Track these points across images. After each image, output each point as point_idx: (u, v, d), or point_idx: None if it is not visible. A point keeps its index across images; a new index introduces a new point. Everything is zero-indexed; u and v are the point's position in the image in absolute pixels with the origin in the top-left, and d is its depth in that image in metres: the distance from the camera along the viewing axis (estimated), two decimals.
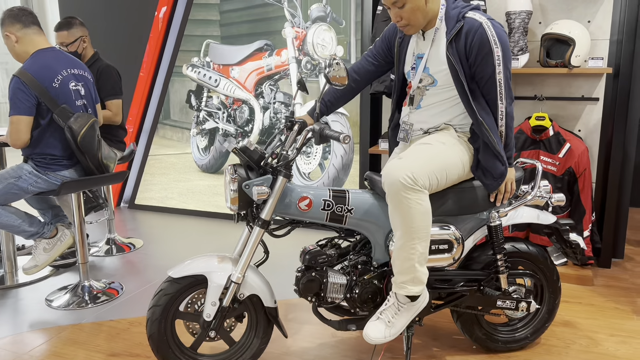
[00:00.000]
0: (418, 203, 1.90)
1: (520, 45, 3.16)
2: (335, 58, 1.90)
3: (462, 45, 1.96)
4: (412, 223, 1.91)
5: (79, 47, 3.41)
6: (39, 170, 2.75)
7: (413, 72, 2.13)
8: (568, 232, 2.28)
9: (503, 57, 1.94)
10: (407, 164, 1.91)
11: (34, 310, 2.88)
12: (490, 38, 1.93)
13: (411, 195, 1.89)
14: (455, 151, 2.03)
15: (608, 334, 2.54)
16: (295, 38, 4.03)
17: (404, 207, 1.90)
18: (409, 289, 1.98)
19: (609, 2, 3.16)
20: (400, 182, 1.88)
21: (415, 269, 1.96)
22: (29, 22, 2.74)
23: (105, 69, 3.42)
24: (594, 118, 3.30)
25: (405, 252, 1.94)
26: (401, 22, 2.00)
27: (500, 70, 1.95)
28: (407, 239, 1.93)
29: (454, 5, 2.03)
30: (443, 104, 2.10)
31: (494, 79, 1.96)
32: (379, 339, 2.01)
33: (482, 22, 1.94)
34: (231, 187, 1.97)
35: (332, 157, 4.02)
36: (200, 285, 2.08)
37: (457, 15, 1.99)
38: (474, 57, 1.96)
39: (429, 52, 2.06)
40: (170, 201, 4.75)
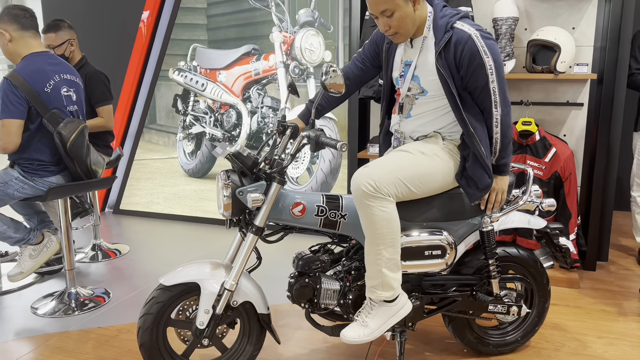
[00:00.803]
0: (381, 210, 1.91)
1: (507, 51, 3.20)
2: (332, 66, 1.90)
3: (451, 56, 1.95)
4: (375, 229, 1.92)
5: (66, 50, 3.37)
6: (25, 176, 2.71)
7: (402, 80, 2.13)
8: (558, 237, 2.31)
9: (495, 67, 1.93)
10: (372, 171, 1.93)
11: (19, 318, 2.83)
12: (480, 49, 1.91)
13: (373, 202, 1.90)
14: (434, 161, 2.03)
15: (596, 336, 2.58)
16: (283, 43, 4.03)
17: (367, 214, 1.92)
18: (379, 294, 1.99)
19: (592, 10, 3.21)
20: (362, 189, 1.90)
21: (382, 274, 1.96)
22: (28, 25, 2.70)
23: (94, 75, 3.39)
24: (578, 123, 3.36)
25: (372, 257, 1.96)
26: (390, 31, 1.99)
27: (494, 79, 1.94)
28: (372, 244, 1.95)
29: (441, 14, 2.01)
30: (433, 113, 2.10)
31: (488, 88, 1.95)
32: (353, 338, 2.00)
33: (470, 34, 1.92)
34: (224, 194, 1.96)
35: (320, 161, 4.02)
36: (192, 293, 2.06)
37: (445, 25, 1.97)
38: (465, 70, 1.95)
39: (417, 60, 2.06)
40: (155, 206, 4.71)
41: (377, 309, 2.02)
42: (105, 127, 3.39)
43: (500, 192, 2.10)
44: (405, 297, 2.06)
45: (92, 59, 3.57)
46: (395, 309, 2.02)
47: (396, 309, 2.02)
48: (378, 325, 2.02)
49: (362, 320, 2.03)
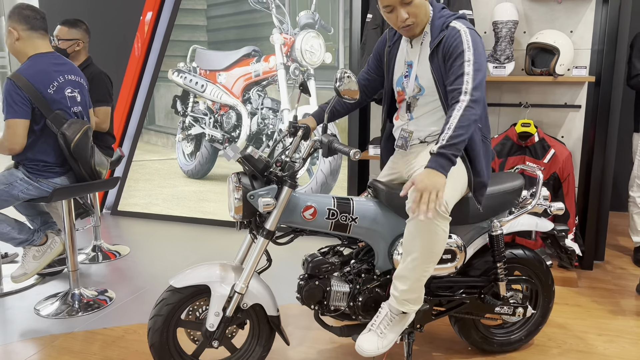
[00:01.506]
0: (444, 230, 1.92)
1: (507, 54, 3.24)
2: (346, 72, 1.92)
3: (441, 52, 1.99)
4: (433, 248, 1.93)
5: (70, 47, 3.39)
6: (30, 177, 2.71)
7: (405, 80, 2.15)
8: (564, 238, 2.35)
9: (474, 60, 1.91)
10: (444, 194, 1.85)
11: (22, 320, 2.83)
12: (464, 42, 1.93)
13: (441, 223, 1.90)
14: (459, 169, 2.02)
15: (596, 333, 2.63)
16: (284, 44, 4.05)
17: (431, 233, 1.90)
18: (410, 307, 2.01)
19: (590, 13, 3.27)
20: (437, 212, 1.86)
21: (421, 289, 2.00)
22: (38, 26, 2.70)
23: (97, 75, 3.40)
24: (576, 125, 3.41)
25: (418, 273, 1.96)
26: (408, 20, 1.98)
27: (470, 70, 1.90)
28: (423, 261, 1.94)
29: (439, 15, 2.05)
30: (434, 114, 2.12)
31: (462, 77, 1.90)
32: (372, 351, 2.01)
33: (460, 30, 1.96)
34: (235, 196, 1.97)
35: (320, 162, 4.05)
36: (202, 294, 2.08)
37: (441, 25, 2.02)
38: (447, 58, 1.97)
39: (418, 60, 2.09)
40: (154, 207, 4.70)
41: (397, 320, 2.04)
42: (99, 126, 3.38)
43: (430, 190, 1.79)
44: None
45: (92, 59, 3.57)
46: (408, 318, 2.06)
47: (409, 317, 2.06)
48: (394, 336, 2.05)
49: (380, 331, 2.04)
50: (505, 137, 3.34)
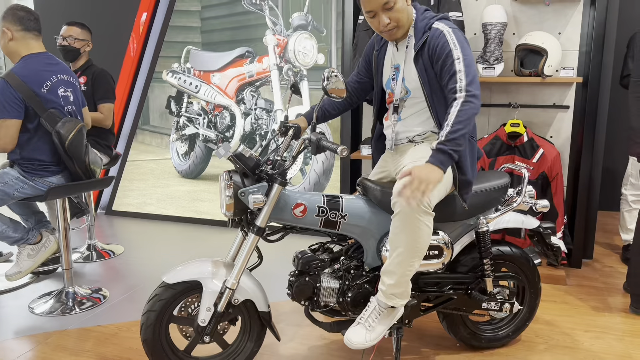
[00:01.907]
0: (427, 225, 1.97)
1: (496, 55, 3.29)
2: (334, 71, 1.96)
3: (426, 54, 2.03)
4: (417, 243, 1.97)
5: (82, 47, 3.53)
6: (25, 176, 2.74)
7: (394, 83, 2.20)
8: (550, 236, 2.40)
9: (463, 58, 1.95)
10: None
11: (17, 318, 2.85)
12: (450, 42, 1.97)
13: (423, 218, 1.95)
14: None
15: (583, 330, 2.67)
16: (277, 45, 4.09)
17: (414, 228, 1.95)
18: (397, 301, 2.05)
19: (577, 16, 3.32)
20: (419, 206, 1.91)
21: (408, 284, 2.05)
22: (31, 27, 2.74)
23: (100, 73, 3.52)
24: (565, 125, 3.46)
25: (404, 268, 2.00)
26: (390, 25, 2.03)
27: (461, 68, 1.94)
28: (408, 256, 1.99)
29: (422, 17, 2.10)
30: (421, 115, 2.16)
31: (454, 70, 1.95)
32: (360, 344, 2.06)
33: (443, 30, 2.00)
34: (227, 194, 2.01)
35: (313, 162, 4.09)
36: (194, 290, 2.11)
37: (424, 27, 2.06)
38: (435, 61, 2.01)
39: (404, 62, 2.13)
40: (148, 207, 4.73)
41: (384, 314, 2.08)
42: (102, 123, 3.48)
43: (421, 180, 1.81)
44: None
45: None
46: (397, 312, 2.10)
47: (397, 312, 2.10)
48: (382, 329, 2.09)
49: (368, 324, 2.08)
50: (495, 137, 3.39)
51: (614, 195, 4.87)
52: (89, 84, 3.51)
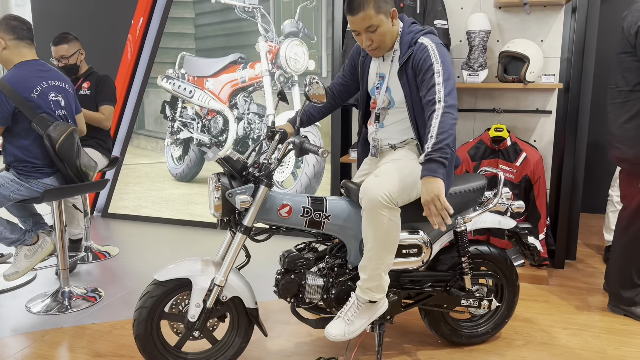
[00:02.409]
0: (391, 220, 2.06)
1: (480, 62, 3.39)
2: (314, 78, 2.07)
3: (410, 67, 2.12)
4: (384, 237, 2.07)
5: (77, 59, 3.63)
6: (21, 178, 2.82)
7: (378, 91, 2.29)
8: (526, 236, 2.50)
9: (442, 71, 2.03)
10: (385, 184, 2.04)
11: (14, 316, 2.94)
12: (432, 56, 2.05)
13: (386, 213, 2.05)
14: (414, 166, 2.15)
15: (561, 327, 2.77)
16: (269, 52, 4.20)
17: (378, 223, 2.05)
18: (373, 295, 2.14)
19: (559, 23, 3.43)
20: (379, 200, 2.02)
21: (381, 278, 2.13)
22: (24, 36, 2.84)
23: (104, 77, 3.66)
24: (547, 129, 3.56)
25: (374, 262, 2.10)
26: (372, 46, 2.13)
27: (440, 81, 2.02)
28: (377, 251, 2.09)
29: (409, 30, 2.18)
30: (403, 123, 2.26)
31: (433, 82, 2.03)
32: (339, 336, 2.16)
33: (427, 45, 2.09)
34: (215, 195, 2.11)
35: (304, 166, 4.18)
36: (184, 288, 2.20)
37: (410, 41, 2.14)
38: (417, 74, 2.10)
39: (389, 73, 2.23)
40: (144, 210, 4.82)
41: (363, 308, 2.17)
42: (102, 123, 3.60)
43: (433, 200, 1.93)
44: (385, 299, 2.23)
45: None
46: (377, 307, 2.19)
47: (378, 306, 2.19)
48: (362, 323, 2.18)
49: (347, 318, 2.17)
50: (480, 141, 3.49)
51: (598, 197, 4.99)
52: (92, 88, 3.63)
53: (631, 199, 2.74)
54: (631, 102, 2.63)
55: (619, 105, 2.70)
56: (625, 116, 2.66)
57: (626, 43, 2.61)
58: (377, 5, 2.05)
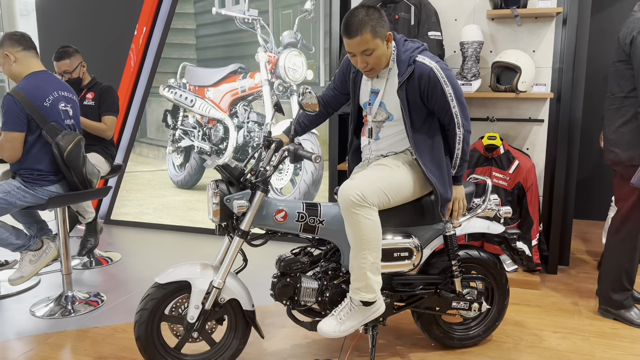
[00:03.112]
0: (367, 218, 2.14)
1: (473, 72, 3.48)
2: (307, 88, 2.16)
3: (415, 86, 2.21)
4: (361, 235, 2.15)
5: (80, 72, 3.72)
6: (27, 185, 2.91)
7: (370, 107, 2.38)
8: (515, 241, 2.58)
9: (455, 94, 2.21)
10: (358, 184, 2.16)
11: (19, 320, 3.02)
12: (440, 80, 2.19)
13: (360, 211, 2.13)
14: (406, 172, 2.28)
15: (552, 331, 2.83)
16: (268, 62, 4.29)
17: (354, 221, 2.14)
18: (362, 295, 2.21)
19: (550, 35, 3.52)
20: (351, 200, 2.12)
21: (367, 277, 2.19)
22: (29, 46, 2.94)
23: (107, 88, 3.74)
24: (540, 137, 3.64)
25: (357, 261, 2.18)
26: (367, 67, 2.21)
27: (455, 104, 2.21)
28: (358, 250, 2.17)
29: (404, 49, 2.26)
30: (399, 135, 2.36)
31: (451, 112, 2.23)
32: (329, 332, 2.23)
33: (432, 67, 2.19)
34: (213, 201, 2.19)
35: (303, 173, 4.27)
36: (184, 291, 2.28)
37: (408, 60, 2.22)
38: (429, 99, 2.22)
39: (384, 90, 2.31)
40: (145, 216, 4.91)
41: (355, 310, 2.24)
42: (104, 133, 3.69)
43: (459, 199, 2.35)
44: (381, 300, 2.28)
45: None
46: (371, 311, 2.26)
47: (372, 310, 2.26)
48: (353, 324, 2.25)
49: (339, 317, 2.25)
50: (473, 149, 3.57)
51: (592, 204, 5.06)
52: (96, 99, 3.71)
53: (624, 203, 2.83)
54: (625, 108, 2.76)
55: (614, 111, 2.82)
56: (620, 121, 2.78)
57: (621, 52, 2.74)
58: (374, 30, 2.12)
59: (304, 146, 2.96)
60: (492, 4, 3.45)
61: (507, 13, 3.38)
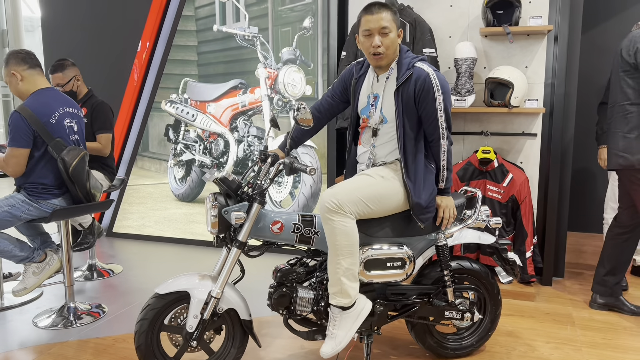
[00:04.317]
0: (342, 224, 2.21)
1: (467, 87, 3.57)
2: (302, 104, 2.24)
3: (410, 90, 2.31)
4: (336, 241, 2.22)
5: (73, 86, 3.74)
6: (31, 199, 2.99)
7: (372, 109, 2.46)
8: (506, 251, 2.64)
9: (443, 103, 2.31)
10: (336, 192, 2.24)
11: (22, 331, 3.08)
12: (434, 87, 2.29)
13: (335, 217, 2.21)
14: (391, 184, 2.35)
15: (544, 341, 2.88)
16: (268, 78, 4.39)
17: (330, 228, 2.22)
18: (338, 300, 2.28)
19: (542, 51, 3.61)
20: (326, 207, 2.21)
21: (341, 282, 2.26)
22: (34, 64, 3.03)
23: (99, 105, 3.75)
24: (533, 151, 3.72)
25: (332, 266, 2.25)
26: (380, 49, 2.32)
27: (442, 115, 2.31)
28: (333, 255, 2.24)
29: (405, 56, 2.40)
30: (390, 141, 2.43)
31: (437, 121, 2.32)
32: (329, 352, 2.28)
33: (428, 73, 2.31)
34: (212, 213, 2.27)
35: (301, 186, 4.34)
36: (183, 301, 2.34)
37: (407, 64, 2.35)
38: (420, 102, 2.31)
39: (383, 93, 2.41)
40: (147, 229, 4.98)
41: (340, 319, 2.30)
42: (101, 152, 3.73)
43: (448, 209, 2.41)
44: (363, 299, 2.34)
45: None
46: (355, 314, 2.31)
47: (356, 313, 2.31)
48: (345, 332, 2.30)
49: (330, 333, 2.31)
50: (468, 163, 3.65)
51: (586, 217, 5.12)
52: (88, 116, 3.74)
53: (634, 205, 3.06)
54: (632, 115, 2.97)
55: (620, 119, 3.02)
56: (627, 127, 2.99)
57: (625, 63, 2.98)
58: (394, 14, 2.32)
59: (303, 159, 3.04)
60: (485, 22, 3.54)
61: (500, 30, 3.48)
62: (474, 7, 3.69)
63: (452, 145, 2.40)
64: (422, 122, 2.36)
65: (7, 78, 3.03)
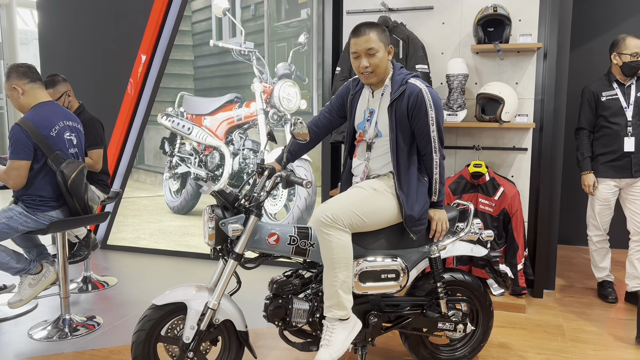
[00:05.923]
0: (338, 238, 2.26)
1: (459, 103, 3.64)
2: (299, 119, 2.30)
3: (404, 105, 2.38)
4: (332, 255, 2.26)
5: (64, 101, 3.75)
6: (29, 211, 3.02)
7: (367, 124, 2.52)
8: (498, 263, 2.69)
9: (436, 119, 2.37)
10: (330, 206, 2.28)
11: (17, 342, 3.09)
12: (426, 102, 2.36)
13: (331, 232, 2.25)
14: (384, 197, 2.40)
15: (535, 352, 2.93)
16: (263, 92, 4.46)
17: (325, 241, 2.26)
18: (334, 312, 2.31)
19: (532, 68, 3.69)
20: (321, 221, 2.25)
21: (338, 294, 2.29)
22: (35, 78, 3.07)
23: (89, 121, 3.74)
24: (524, 165, 3.79)
25: (329, 279, 2.29)
26: (368, 69, 2.39)
27: (434, 129, 2.37)
28: (329, 268, 2.28)
29: (399, 72, 2.47)
30: (384, 154, 2.49)
31: (429, 136, 2.38)
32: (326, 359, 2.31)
33: (421, 89, 2.37)
34: (209, 225, 2.31)
35: (296, 199, 4.39)
36: (179, 312, 2.37)
37: (401, 80, 2.42)
38: (413, 117, 2.37)
39: (378, 108, 2.47)
40: (142, 241, 5.00)
41: (336, 327, 2.33)
42: (93, 167, 3.74)
43: (441, 221, 2.47)
44: (354, 317, 2.38)
45: (87, 105, 3.94)
46: (350, 326, 2.35)
47: (351, 325, 2.35)
48: (342, 340, 2.33)
49: (327, 341, 2.33)
50: (460, 177, 3.71)
51: (577, 230, 5.18)
52: None
53: None
54: None
55: None
56: None
57: None
58: (379, 34, 2.37)
59: (297, 172, 3.08)
60: (476, 39, 3.63)
61: (491, 48, 3.56)
62: (466, 24, 3.78)
63: (444, 159, 2.45)
64: (415, 136, 2.42)
65: (8, 92, 3.07)
